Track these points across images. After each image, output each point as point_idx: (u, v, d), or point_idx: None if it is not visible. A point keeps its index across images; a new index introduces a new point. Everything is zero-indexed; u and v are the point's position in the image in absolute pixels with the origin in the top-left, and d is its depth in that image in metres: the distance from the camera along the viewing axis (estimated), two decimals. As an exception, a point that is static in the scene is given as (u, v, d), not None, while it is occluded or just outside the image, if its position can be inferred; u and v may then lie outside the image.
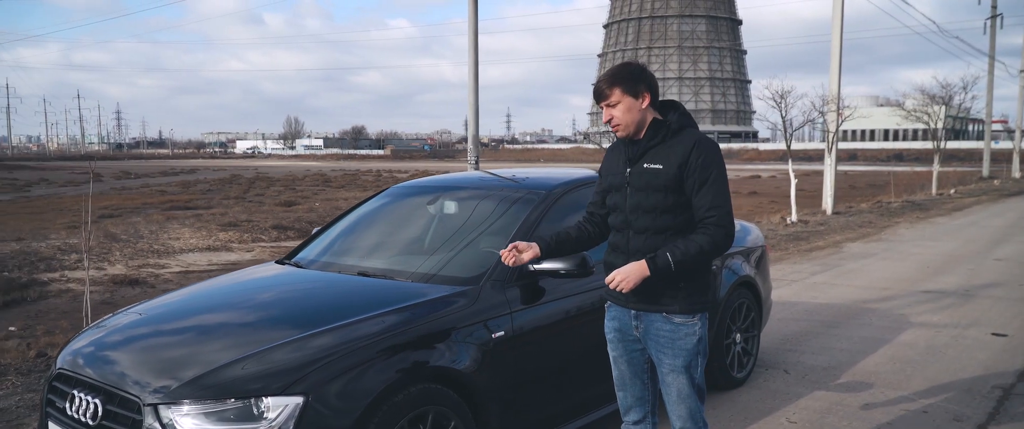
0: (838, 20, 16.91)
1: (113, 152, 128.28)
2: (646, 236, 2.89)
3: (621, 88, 2.86)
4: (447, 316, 3.27)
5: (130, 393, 2.82)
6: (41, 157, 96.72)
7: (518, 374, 3.44)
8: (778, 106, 15.45)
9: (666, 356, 2.92)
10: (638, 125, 2.90)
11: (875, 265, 10.24)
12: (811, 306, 7.61)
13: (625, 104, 2.86)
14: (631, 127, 2.89)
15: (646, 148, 2.91)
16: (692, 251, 2.79)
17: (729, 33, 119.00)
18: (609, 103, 2.88)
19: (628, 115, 2.87)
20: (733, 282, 4.94)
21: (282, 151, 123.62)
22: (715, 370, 4.79)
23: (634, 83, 2.87)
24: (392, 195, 4.72)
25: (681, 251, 2.79)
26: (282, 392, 2.71)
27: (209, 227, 15.00)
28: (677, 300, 2.89)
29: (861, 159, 66.72)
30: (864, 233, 13.98)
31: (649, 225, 2.88)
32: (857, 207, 18.87)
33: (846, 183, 29.86)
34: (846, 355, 5.81)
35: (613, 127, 2.91)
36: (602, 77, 2.92)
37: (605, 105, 2.90)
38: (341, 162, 74.78)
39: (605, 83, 2.88)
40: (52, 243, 12.61)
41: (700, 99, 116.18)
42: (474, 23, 16.95)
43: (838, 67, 16.88)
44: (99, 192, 27.98)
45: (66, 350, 3.38)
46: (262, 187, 30.53)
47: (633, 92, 2.87)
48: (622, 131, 2.91)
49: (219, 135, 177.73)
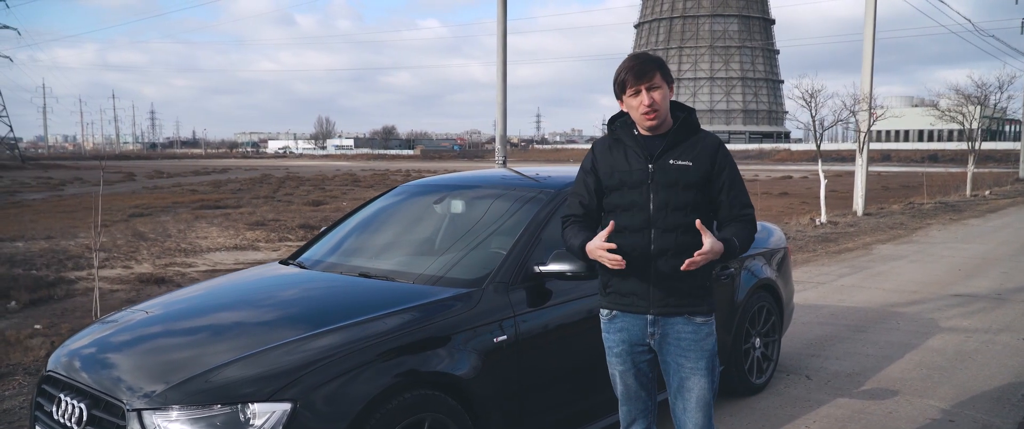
0: (871, 19, 16.61)
1: (147, 151, 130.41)
2: (676, 234, 2.74)
3: (660, 73, 2.73)
4: (446, 319, 3.16)
5: (114, 398, 2.75)
6: (76, 156, 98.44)
7: (521, 380, 3.32)
8: (808, 105, 15.20)
9: (689, 359, 2.82)
10: (665, 117, 2.78)
11: (905, 267, 10.01)
12: (837, 309, 7.43)
13: (664, 91, 2.74)
14: (663, 117, 2.76)
15: (672, 144, 2.78)
16: (745, 240, 2.79)
17: (762, 32, 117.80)
18: (652, 85, 2.70)
19: (664, 104, 2.75)
20: (752, 285, 4.78)
21: (313, 151, 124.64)
22: (733, 375, 4.66)
23: (668, 72, 2.76)
24: (400, 194, 4.63)
25: (741, 238, 2.77)
26: (269, 398, 2.63)
27: (237, 226, 15.14)
28: (704, 301, 2.83)
29: (895, 160, 65.57)
30: (895, 235, 13.69)
31: (678, 223, 2.74)
32: (888, 208, 18.52)
33: (879, 184, 29.37)
34: (871, 361, 5.64)
35: (649, 115, 2.72)
36: (641, 58, 2.75)
37: (645, 88, 2.70)
38: (371, 162, 75.22)
39: (650, 64, 2.72)
40: (80, 241, 12.79)
41: (731, 99, 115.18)
42: (503, 23, 16.98)
43: (870, 66, 16.58)
44: (131, 191, 28.44)
45: (56, 352, 3.32)
46: (292, 186, 30.76)
47: (669, 80, 2.76)
48: (657, 120, 2.75)
49: (251, 135, 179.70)
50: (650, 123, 2.76)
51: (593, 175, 2.91)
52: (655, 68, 2.72)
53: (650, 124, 2.76)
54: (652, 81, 2.70)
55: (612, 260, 2.69)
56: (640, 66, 2.71)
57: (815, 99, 15.11)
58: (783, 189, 28.27)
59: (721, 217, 2.83)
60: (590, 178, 2.91)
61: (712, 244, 2.63)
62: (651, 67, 2.71)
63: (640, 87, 2.72)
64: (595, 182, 2.90)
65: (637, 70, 2.71)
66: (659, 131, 2.80)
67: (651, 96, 2.71)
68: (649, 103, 2.71)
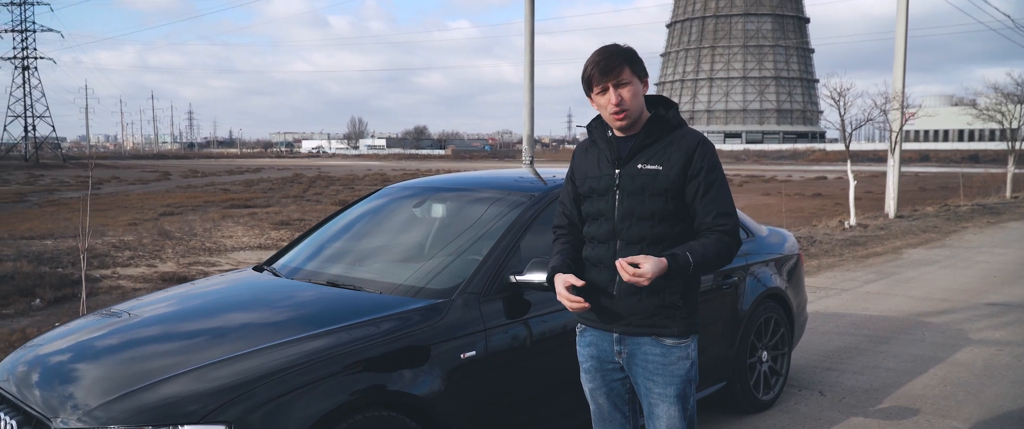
0: (903, 16, 16.18)
1: (184, 151, 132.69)
2: (639, 247, 2.47)
3: (630, 68, 2.44)
4: (409, 333, 2.93)
5: (42, 414, 2.58)
6: (116, 155, 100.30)
7: (491, 400, 3.08)
8: (836, 104, 14.81)
9: (656, 384, 2.54)
10: (639, 114, 2.50)
11: (936, 274, 9.62)
12: (859, 318, 7.12)
13: (634, 87, 2.45)
14: (635, 115, 2.48)
15: (640, 146, 2.50)
16: (709, 254, 2.42)
17: (796, 31, 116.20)
18: (619, 82, 2.43)
19: (635, 101, 2.46)
20: (759, 294, 4.49)
21: (346, 151, 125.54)
22: (737, 392, 4.39)
23: (639, 65, 2.47)
24: (383, 196, 4.39)
25: (699, 253, 2.41)
26: (202, 420, 2.41)
27: (262, 226, 15.19)
28: (674, 321, 2.51)
29: (934, 160, 63.99)
30: (927, 238, 13.24)
31: (643, 234, 2.48)
32: (922, 210, 18.00)
33: (916, 185, 28.66)
34: (892, 375, 5.34)
35: (618, 114, 2.46)
36: (607, 52, 2.46)
37: (612, 85, 2.44)
38: (402, 162, 75.46)
39: (616, 58, 2.43)
40: (107, 240, 12.92)
41: (765, 99, 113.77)
42: (531, 24, 16.94)
43: (902, 64, 16.13)
44: (165, 190, 28.85)
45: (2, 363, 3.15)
46: (322, 186, 30.90)
47: (640, 75, 2.47)
48: (627, 120, 2.48)
49: (286, 135, 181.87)
50: (620, 123, 2.50)
51: (571, 182, 2.68)
52: (623, 62, 2.44)
53: (620, 124, 2.50)
54: (620, 77, 2.43)
55: (572, 303, 2.46)
56: (606, 61, 2.44)
57: (843, 98, 14.71)
58: (817, 190, 27.72)
59: (697, 228, 2.52)
60: (570, 185, 2.69)
61: (652, 265, 2.32)
62: (618, 61, 2.44)
63: (607, 84, 2.45)
64: (573, 190, 2.67)
65: (603, 65, 2.43)
66: (632, 131, 2.54)
67: (619, 94, 2.45)
68: (617, 102, 2.45)
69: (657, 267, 2.34)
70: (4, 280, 8.85)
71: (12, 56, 71.38)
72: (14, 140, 74.21)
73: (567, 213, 2.70)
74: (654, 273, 2.34)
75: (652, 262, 2.34)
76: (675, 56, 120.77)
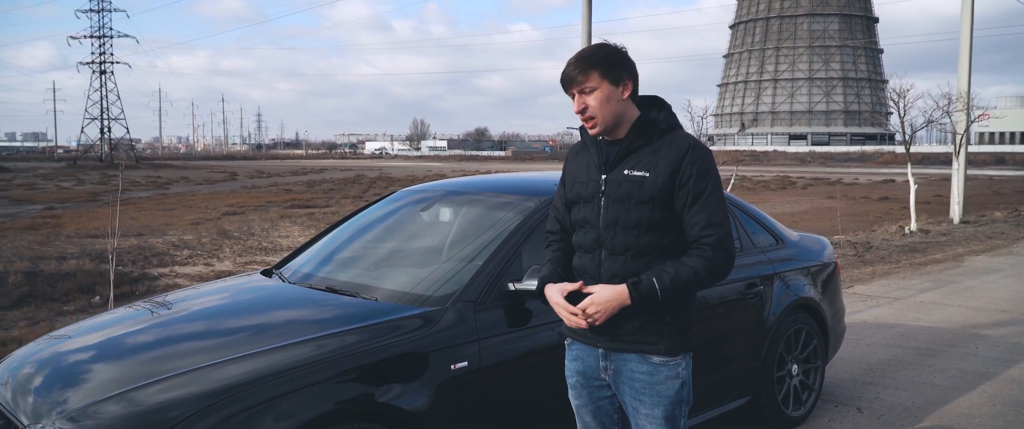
0: (968, 13, 15.62)
1: (252, 152, 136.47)
2: (624, 259, 2.35)
3: (599, 72, 2.32)
4: (398, 342, 2.82)
5: (20, 421, 2.57)
6: (187, 157, 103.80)
7: (483, 415, 2.95)
8: (896, 106, 14.32)
9: (643, 404, 2.40)
10: (617, 120, 2.37)
11: (997, 283, 9.16)
12: (909, 329, 6.82)
13: (603, 92, 2.33)
14: (608, 122, 2.36)
15: (627, 151, 2.37)
16: (683, 277, 2.27)
17: (864, 31, 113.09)
18: (582, 90, 2.34)
19: (606, 107, 2.33)
20: (789, 304, 4.28)
21: (408, 152, 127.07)
22: (764, 406, 4.20)
23: (615, 68, 2.34)
24: (396, 199, 4.29)
25: (671, 276, 2.27)
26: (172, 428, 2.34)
27: (318, 226, 15.43)
28: (662, 338, 2.36)
29: (1010, 163, 61.29)
30: (992, 245, 12.66)
31: (628, 245, 2.35)
32: (990, 216, 17.27)
33: (989, 189, 27.53)
34: (937, 392, 5.05)
35: (586, 121, 2.38)
36: (575, 57, 2.37)
37: (577, 92, 2.35)
38: (462, 163, 75.96)
39: (577, 66, 2.33)
40: (168, 239, 13.32)
41: (832, 100, 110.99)
42: (588, 26, 16.93)
43: (968, 63, 15.53)
44: (230, 190, 29.58)
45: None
46: (382, 186, 31.26)
47: (614, 78, 2.34)
48: (597, 127, 2.36)
49: (350, 136, 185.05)
50: (591, 130, 2.39)
51: (563, 186, 2.57)
52: (591, 67, 2.33)
53: (593, 131, 2.39)
54: (584, 83, 2.33)
55: (571, 317, 2.36)
56: (568, 68, 2.36)
57: (903, 99, 14.23)
58: (884, 193, 26.85)
59: (687, 239, 2.38)
60: (562, 190, 2.58)
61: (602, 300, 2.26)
62: (583, 67, 2.33)
63: (573, 91, 2.37)
64: (564, 194, 2.55)
65: (564, 73, 2.36)
66: (616, 135, 2.41)
67: (583, 100, 2.35)
68: (579, 108, 2.36)
69: (610, 300, 2.28)
70: (67, 277, 9.20)
71: (90, 61, 74.23)
72: (91, 142, 77.24)
73: (559, 218, 2.59)
74: (606, 309, 2.28)
75: (605, 295, 2.27)
76: (738, 57, 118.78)
